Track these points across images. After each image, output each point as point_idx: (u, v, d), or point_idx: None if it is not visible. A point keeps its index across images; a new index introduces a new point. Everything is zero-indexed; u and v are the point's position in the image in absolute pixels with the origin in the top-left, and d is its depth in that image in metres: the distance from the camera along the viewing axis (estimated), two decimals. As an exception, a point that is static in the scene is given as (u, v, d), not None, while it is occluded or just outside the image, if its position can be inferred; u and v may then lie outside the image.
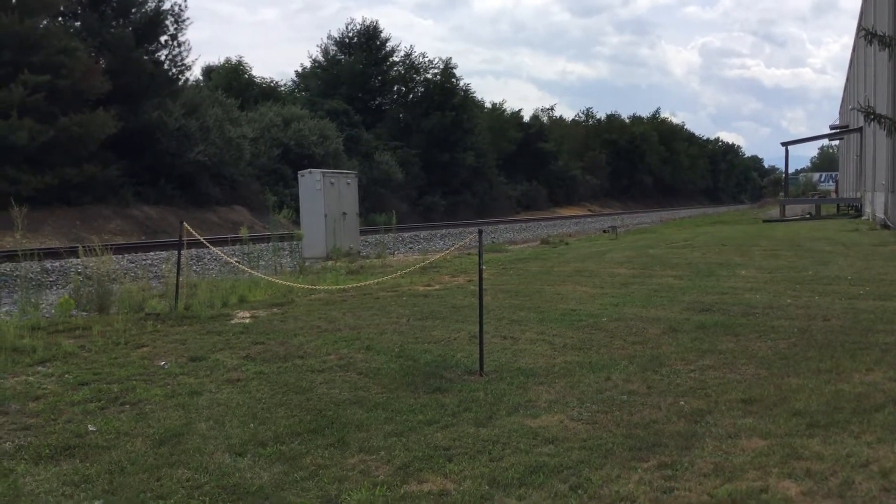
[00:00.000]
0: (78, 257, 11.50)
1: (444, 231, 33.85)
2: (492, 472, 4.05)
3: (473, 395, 5.46)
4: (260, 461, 4.29)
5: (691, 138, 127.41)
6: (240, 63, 51.76)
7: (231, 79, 49.31)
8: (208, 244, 11.31)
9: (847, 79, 57.69)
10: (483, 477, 3.99)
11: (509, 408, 5.16)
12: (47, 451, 4.49)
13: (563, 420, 4.89)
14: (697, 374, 5.93)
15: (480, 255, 6.59)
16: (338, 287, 11.03)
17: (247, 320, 8.92)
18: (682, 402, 5.19)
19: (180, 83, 36.54)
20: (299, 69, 62.23)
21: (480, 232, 6.65)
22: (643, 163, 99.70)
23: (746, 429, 4.62)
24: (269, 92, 51.61)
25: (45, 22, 29.60)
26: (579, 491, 3.79)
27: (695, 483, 3.84)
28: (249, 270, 11.17)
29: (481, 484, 3.90)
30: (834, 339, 7.02)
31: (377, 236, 23.56)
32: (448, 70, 60.48)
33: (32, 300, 9.73)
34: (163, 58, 35.52)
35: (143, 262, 17.39)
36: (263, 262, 14.26)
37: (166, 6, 35.30)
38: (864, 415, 4.81)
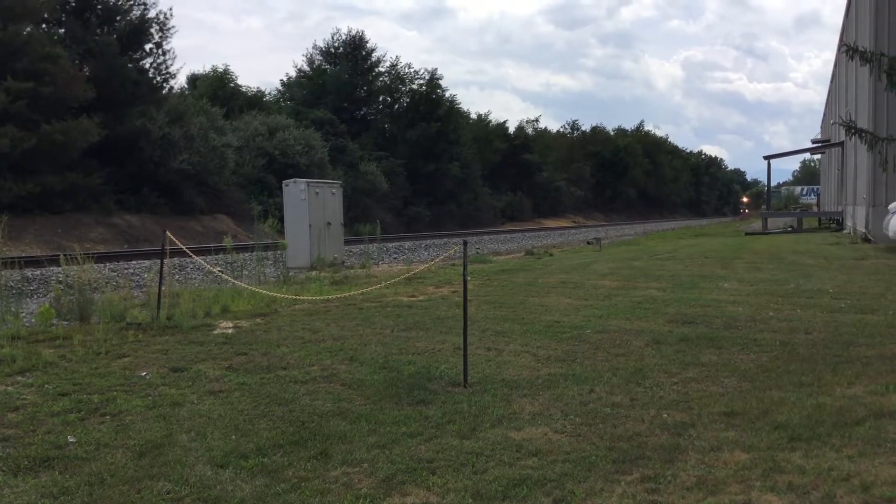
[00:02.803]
0: (59, 266, 11.40)
1: (428, 241, 33.85)
2: (475, 484, 4.04)
3: (457, 406, 5.45)
4: (241, 473, 4.26)
5: (675, 151, 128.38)
6: (225, 72, 51.67)
7: (216, 87, 49.19)
8: (191, 253, 11.25)
9: (829, 93, 58.33)
10: (466, 490, 3.98)
11: (493, 420, 5.15)
12: (26, 462, 4.44)
13: (546, 433, 4.89)
14: (680, 387, 5.95)
15: (465, 267, 6.60)
16: (322, 297, 11.00)
17: (229, 331, 8.87)
18: (665, 415, 5.20)
19: (165, 91, 36.43)
20: (284, 78, 62.30)
21: (465, 243, 6.66)
22: (627, 175, 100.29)
23: (729, 442, 4.63)
24: (254, 101, 51.52)
25: (28, 29, 29.46)
26: (563, 504, 3.79)
27: (678, 496, 3.85)
28: (233, 280, 11.11)
29: (465, 497, 3.89)
30: (816, 353, 7.07)
31: (362, 246, 23.52)
32: (433, 81, 60.69)
33: (12, 309, 9.64)
34: (147, 66, 35.46)
35: (125, 271, 17.28)
36: (247, 272, 14.20)
37: (151, 14, 35.27)
38: (845, 428, 4.84)
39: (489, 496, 3.90)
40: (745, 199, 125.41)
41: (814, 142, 57.82)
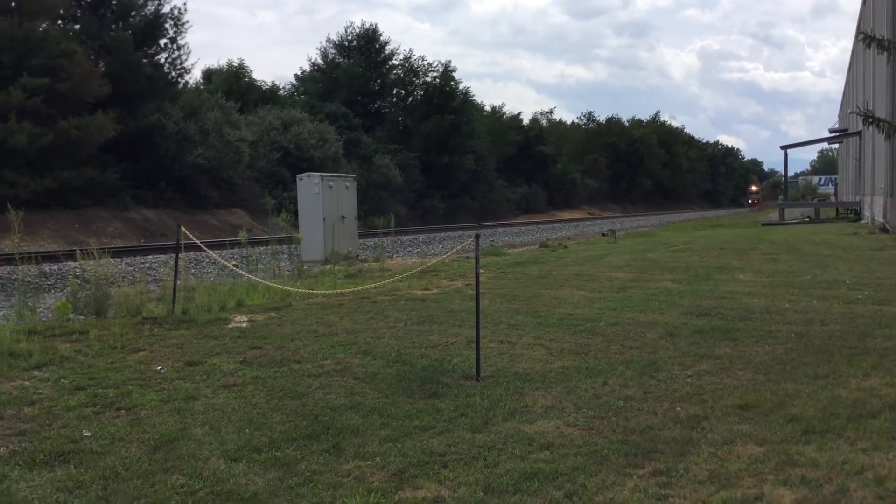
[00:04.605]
0: (76, 261, 11.49)
1: (443, 234, 33.85)
2: (487, 478, 4.04)
3: (469, 400, 5.45)
4: (255, 467, 4.28)
5: (691, 141, 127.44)
6: (240, 66, 51.77)
7: (231, 82, 49.30)
8: (205, 248, 11.30)
9: (846, 82, 57.78)
10: (478, 483, 3.98)
11: (505, 413, 5.15)
12: (42, 456, 4.48)
13: (559, 426, 4.88)
14: (694, 380, 5.92)
15: (477, 260, 6.59)
16: (335, 291, 11.02)
17: (244, 324, 8.91)
18: (678, 408, 5.18)
19: (180, 86, 36.58)
20: (298, 72, 62.28)
21: (477, 236, 6.65)
22: (642, 166, 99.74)
23: (742, 435, 4.61)
24: (268, 95, 51.60)
25: (44, 25, 29.60)
26: (574, 498, 3.79)
27: (690, 490, 3.83)
28: (247, 275, 11.16)
29: (476, 490, 3.89)
30: (831, 345, 7.02)
31: (376, 240, 23.58)
32: (447, 73, 60.53)
33: (30, 304, 9.72)
34: (162, 61, 35.56)
35: (142, 266, 17.39)
36: (262, 266, 14.26)
37: (166, 9, 35.39)
38: (860, 421, 4.81)
39: (501, 490, 3.90)
40: (754, 188, 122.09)
41: (831, 131, 57.36)
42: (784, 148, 47.13)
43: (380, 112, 59.73)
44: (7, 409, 5.43)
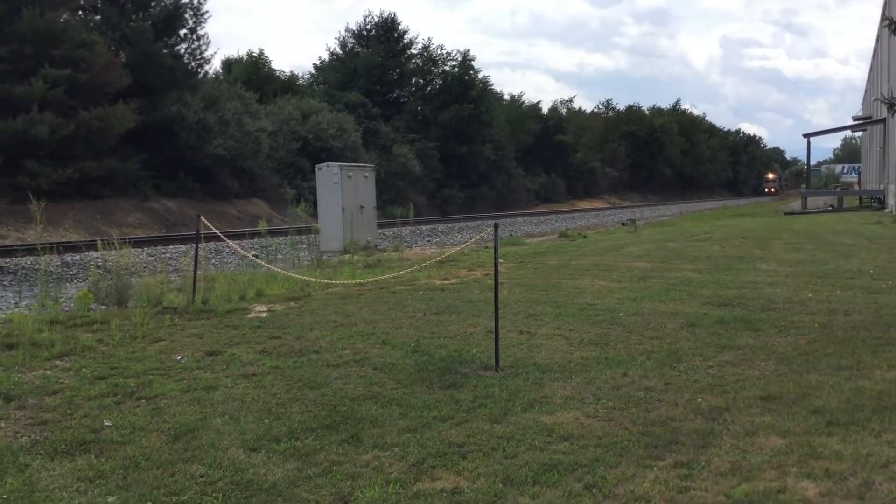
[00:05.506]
0: (97, 251, 11.57)
1: (461, 224, 33.81)
2: (506, 469, 4.02)
3: (488, 390, 5.43)
4: (274, 457, 4.29)
5: (712, 130, 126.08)
6: (260, 56, 51.87)
7: (251, 72, 49.41)
8: (225, 238, 11.33)
9: (871, 69, 57.01)
10: (497, 474, 3.96)
11: (524, 404, 5.13)
12: (63, 445, 4.51)
13: (578, 417, 4.85)
14: (716, 371, 5.87)
15: (496, 250, 6.55)
16: (354, 281, 11.03)
17: (263, 314, 8.93)
18: (699, 399, 5.13)
19: (199, 76, 36.68)
20: (317, 62, 62.31)
21: (496, 226, 6.61)
22: (663, 155, 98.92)
23: (765, 427, 4.56)
24: (287, 85, 51.66)
25: (65, 16, 29.75)
26: (594, 490, 3.75)
27: (711, 482, 3.79)
28: (267, 265, 11.19)
29: (495, 482, 3.88)
30: (855, 335, 6.93)
31: (394, 229, 23.60)
32: (466, 62, 60.30)
33: (52, 294, 9.80)
34: (182, 51, 35.65)
35: (162, 256, 17.50)
36: (281, 256, 14.31)
37: (185, 0, 35.41)
38: (885, 413, 4.74)
39: (520, 481, 3.88)
40: (770, 175, 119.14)
41: (855, 119, 56.73)
42: (807, 136, 46.64)
43: (399, 101, 59.62)
44: (29, 398, 5.47)
